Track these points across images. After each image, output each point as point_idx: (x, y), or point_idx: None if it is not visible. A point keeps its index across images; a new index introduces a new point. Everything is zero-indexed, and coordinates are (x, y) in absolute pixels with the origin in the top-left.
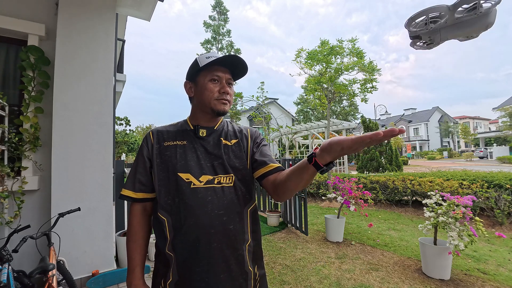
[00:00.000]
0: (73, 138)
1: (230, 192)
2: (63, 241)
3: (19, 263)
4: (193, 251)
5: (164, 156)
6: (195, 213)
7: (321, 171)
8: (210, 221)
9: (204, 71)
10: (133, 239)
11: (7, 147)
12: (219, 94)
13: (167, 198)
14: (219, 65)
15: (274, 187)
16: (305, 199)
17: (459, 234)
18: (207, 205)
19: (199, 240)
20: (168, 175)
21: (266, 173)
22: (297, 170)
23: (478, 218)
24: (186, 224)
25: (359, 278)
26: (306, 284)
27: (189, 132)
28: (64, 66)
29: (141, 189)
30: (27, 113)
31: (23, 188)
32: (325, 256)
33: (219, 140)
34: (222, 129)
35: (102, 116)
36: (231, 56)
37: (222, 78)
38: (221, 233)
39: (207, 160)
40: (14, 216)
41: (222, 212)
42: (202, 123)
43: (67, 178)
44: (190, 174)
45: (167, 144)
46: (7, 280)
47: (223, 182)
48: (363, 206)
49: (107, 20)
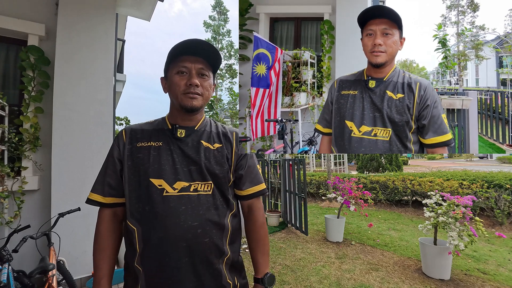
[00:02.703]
0: (73, 138)
1: (208, 201)
2: (63, 241)
3: (19, 263)
4: (162, 266)
5: (135, 159)
6: (166, 224)
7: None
8: (181, 233)
9: (172, 63)
10: (100, 248)
11: (7, 147)
12: (185, 87)
13: (138, 205)
14: (186, 54)
15: (247, 214)
16: (305, 199)
17: (459, 234)
18: (180, 216)
19: (168, 254)
20: (139, 180)
21: (247, 196)
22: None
23: (478, 218)
24: (155, 236)
25: (359, 278)
26: (306, 284)
27: (166, 132)
28: (64, 66)
29: (111, 193)
30: (27, 113)
31: (23, 188)
32: (325, 256)
33: (199, 142)
34: (204, 129)
35: (102, 116)
36: (195, 41)
37: (190, 69)
38: (194, 247)
39: (183, 164)
40: (14, 216)
41: (196, 224)
42: (180, 122)
43: (67, 178)
44: (163, 180)
45: (140, 144)
46: (7, 280)
47: (200, 190)
48: (363, 206)
49: (107, 20)
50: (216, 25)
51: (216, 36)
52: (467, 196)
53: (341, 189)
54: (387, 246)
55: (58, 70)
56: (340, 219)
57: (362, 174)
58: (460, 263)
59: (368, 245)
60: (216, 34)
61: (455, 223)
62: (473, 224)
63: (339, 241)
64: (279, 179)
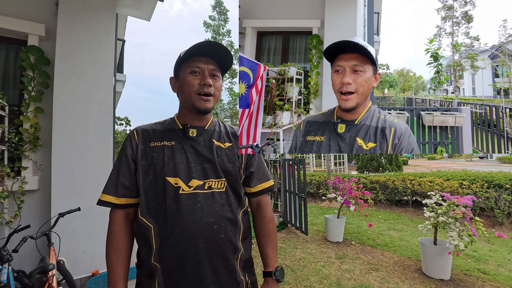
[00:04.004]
0: (73, 138)
1: (222, 198)
2: (63, 241)
3: (19, 263)
4: (180, 262)
5: (150, 158)
6: (183, 222)
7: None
8: (199, 230)
9: (184, 64)
10: (115, 249)
11: (7, 147)
12: (199, 87)
13: (155, 203)
14: (199, 55)
15: (256, 210)
16: (305, 199)
17: (459, 234)
18: (196, 213)
19: (187, 251)
20: (155, 179)
21: (256, 192)
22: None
23: (478, 218)
24: (173, 233)
25: (359, 278)
26: (306, 284)
27: (177, 131)
28: (64, 66)
29: (125, 193)
30: (27, 113)
31: (23, 188)
32: (325, 256)
33: (210, 141)
34: (214, 129)
35: (102, 116)
36: (210, 43)
37: (204, 70)
38: (211, 243)
39: (197, 163)
40: (14, 216)
41: (213, 220)
42: (191, 122)
43: (67, 178)
44: (179, 179)
45: (154, 144)
46: (7, 280)
47: (214, 187)
48: (363, 206)
49: (107, 20)
50: (216, 25)
51: (216, 36)
52: (467, 196)
53: (341, 189)
54: (387, 246)
55: (58, 70)
56: (340, 219)
57: (362, 174)
58: (460, 263)
59: (368, 245)
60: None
61: (455, 223)
62: (473, 224)
63: (339, 241)
64: (279, 179)
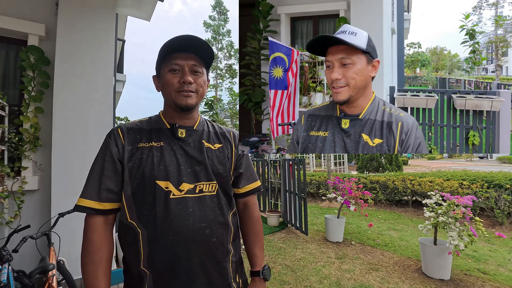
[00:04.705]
0: (73, 138)
1: (213, 202)
2: (63, 241)
3: (19, 263)
4: (172, 267)
5: (138, 160)
6: (175, 227)
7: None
8: (191, 235)
9: (164, 62)
10: (93, 261)
11: (7, 147)
12: (179, 85)
13: (142, 208)
14: (178, 51)
15: (243, 211)
16: (305, 199)
17: (459, 234)
18: (189, 218)
19: (178, 256)
20: (144, 182)
21: (244, 193)
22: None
23: (478, 218)
24: (164, 238)
25: (359, 278)
26: (306, 284)
27: (165, 131)
28: (64, 66)
29: (109, 198)
30: (27, 113)
31: (23, 188)
32: (325, 256)
33: (200, 142)
34: (203, 129)
35: (102, 116)
36: (188, 38)
37: (183, 66)
38: (203, 247)
39: (187, 165)
40: (14, 216)
41: (205, 225)
42: (178, 121)
43: (67, 178)
44: (170, 182)
45: (141, 145)
46: (7, 280)
47: (205, 191)
48: (363, 206)
49: (107, 20)
50: (216, 25)
51: (216, 36)
52: (467, 196)
53: (341, 189)
54: (387, 246)
55: (58, 70)
56: (340, 219)
57: (362, 174)
58: (460, 263)
59: (368, 245)
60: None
61: (455, 223)
62: (473, 224)
63: (339, 241)
64: (279, 179)
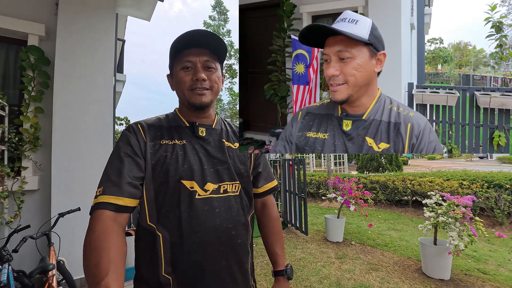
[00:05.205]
0: (73, 138)
1: (236, 202)
2: (63, 241)
3: (19, 263)
4: (198, 272)
5: (162, 158)
6: (201, 229)
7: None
8: (218, 237)
9: (176, 60)
10: (96, 249)
11: (7, 147)
12: (192, 83)
13: (165, 209)
14: (188, 47)
15: (261, 210)
16: (305, 199)
17: (459, 234)
18: (215, 219)
19: (205, 259)
20: (168, 181)
21: (263, 193)
22: (265, 243)
23: (478, 218)
24: (189, 242)
25: (359, 278)
26: (306, 284)
27: (185, 129)
28: (64, 66)
29: (131, 193)
30: (27, 113)
31: (23, 188)
32: (325, 256)
33: (220, 141)
34: (221, 128)
35: (102, 116)
36: (199, 32)
37: (196, 63)
38: (229, 250)
39: (210, 165)
40: (14, 216)
41: (231, 226)
42: (197, 120)
43: (67, 178)
44: (195, 182)
45: (164, 142)
46: (7, 280)
47: (229, 191)
48: (363, 206)
49: (107, 20)
50: (216, 25)
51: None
52: (467, 196)
53: (341, 189)
54: (387, 246)
55: (58, 70)
56: (340, 219)
57: (362, 174)
58: (460, 263)
59: (368, 245)
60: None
61: (455, 223)
62: (473, 224)
63: (339, 241)
64: (279, 179)
